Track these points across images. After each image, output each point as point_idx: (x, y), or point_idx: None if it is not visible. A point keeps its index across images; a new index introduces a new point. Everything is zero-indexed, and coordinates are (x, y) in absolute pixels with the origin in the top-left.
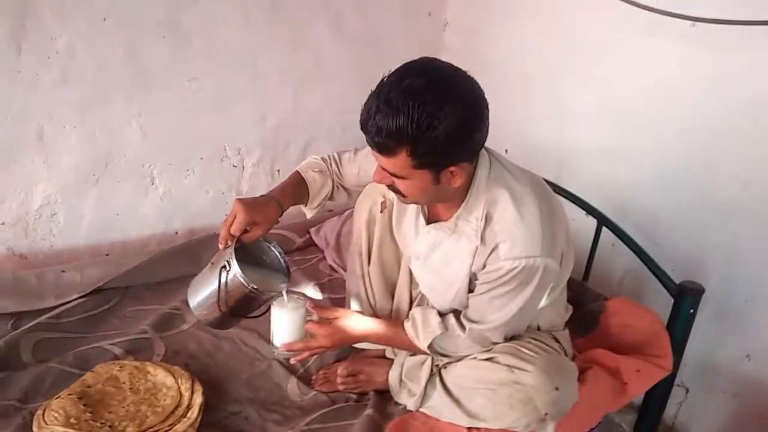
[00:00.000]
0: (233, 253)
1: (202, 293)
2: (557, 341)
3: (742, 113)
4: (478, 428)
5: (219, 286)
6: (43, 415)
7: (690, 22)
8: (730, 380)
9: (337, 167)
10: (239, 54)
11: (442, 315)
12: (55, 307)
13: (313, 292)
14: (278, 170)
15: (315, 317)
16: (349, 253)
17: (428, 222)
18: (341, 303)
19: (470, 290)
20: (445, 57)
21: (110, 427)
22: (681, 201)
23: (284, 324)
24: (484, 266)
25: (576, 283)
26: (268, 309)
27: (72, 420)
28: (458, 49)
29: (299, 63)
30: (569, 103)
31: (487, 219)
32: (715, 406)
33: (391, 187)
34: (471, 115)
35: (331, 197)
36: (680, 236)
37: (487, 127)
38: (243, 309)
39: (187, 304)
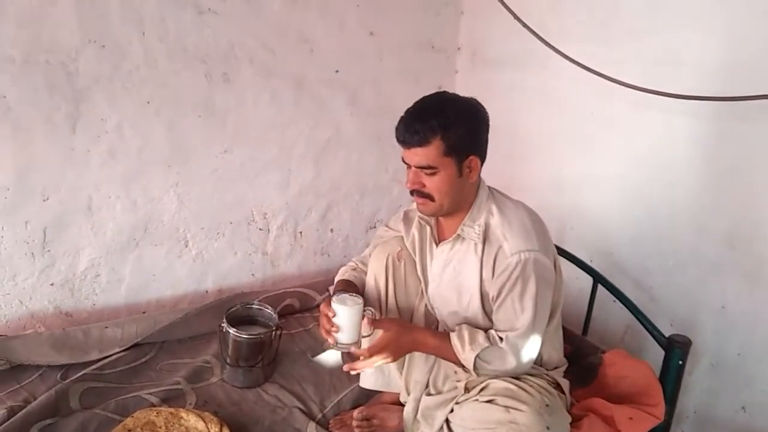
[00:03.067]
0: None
1: None
2: (558, 389)
3: (725, 177)
4: None
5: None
6: None
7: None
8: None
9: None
10: (267, 128)
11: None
12: (99, 360)
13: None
14: (300, 232)
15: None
16: (366, 298)
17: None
18: None
19: (484, 308)
20: None
21: None
22: (673, 259)
23: (344, 319)
24: (493, 272)
25: (575, 337)
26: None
27: None
28: None
29: (321, 135)
30: (568, 170)
31: (487, 225)
32: None
33: (419, 192)
34: (481, 118)
35: None
36: (675, 293)
37: (488, 140)
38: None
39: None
